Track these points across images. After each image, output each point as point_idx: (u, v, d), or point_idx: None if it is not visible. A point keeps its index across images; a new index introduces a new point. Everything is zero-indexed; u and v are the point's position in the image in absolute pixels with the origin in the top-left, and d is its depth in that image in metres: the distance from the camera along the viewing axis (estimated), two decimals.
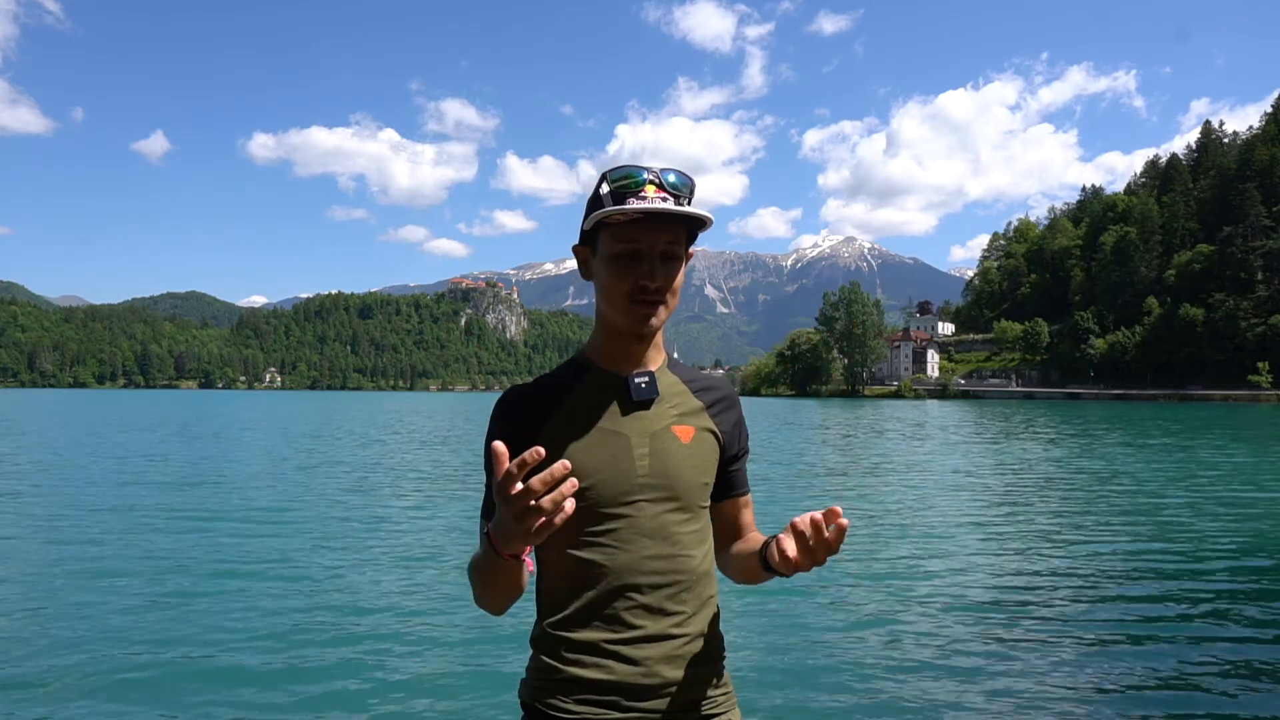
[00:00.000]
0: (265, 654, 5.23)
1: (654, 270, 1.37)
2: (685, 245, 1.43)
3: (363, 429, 33.49)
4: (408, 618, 6.04)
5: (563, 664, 1.38)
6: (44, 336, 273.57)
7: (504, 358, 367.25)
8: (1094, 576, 7.41)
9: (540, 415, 1.42)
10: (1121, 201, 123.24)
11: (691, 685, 1.39)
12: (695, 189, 1.42)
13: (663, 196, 1.36)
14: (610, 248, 1.39)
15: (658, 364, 1.49)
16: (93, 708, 4.39)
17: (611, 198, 1.36)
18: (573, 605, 1.38)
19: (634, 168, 1.38)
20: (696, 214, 1.36)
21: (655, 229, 1.36)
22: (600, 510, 1.38)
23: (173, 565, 7.72)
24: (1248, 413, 54.71)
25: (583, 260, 1.47)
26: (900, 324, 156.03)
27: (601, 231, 1.40)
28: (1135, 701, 4.50)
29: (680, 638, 1.39)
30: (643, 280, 1.37)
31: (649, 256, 1.37)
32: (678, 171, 1.39)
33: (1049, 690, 4.62)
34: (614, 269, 1.39)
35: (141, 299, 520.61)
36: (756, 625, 5.82)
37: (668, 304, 1.41)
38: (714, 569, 1.47)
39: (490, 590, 1.32)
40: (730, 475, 1.54)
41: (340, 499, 12.42)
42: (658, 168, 1.39)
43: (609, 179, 1.38)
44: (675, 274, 1.41)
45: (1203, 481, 14.59)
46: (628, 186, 1.36)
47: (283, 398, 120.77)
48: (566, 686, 1.37)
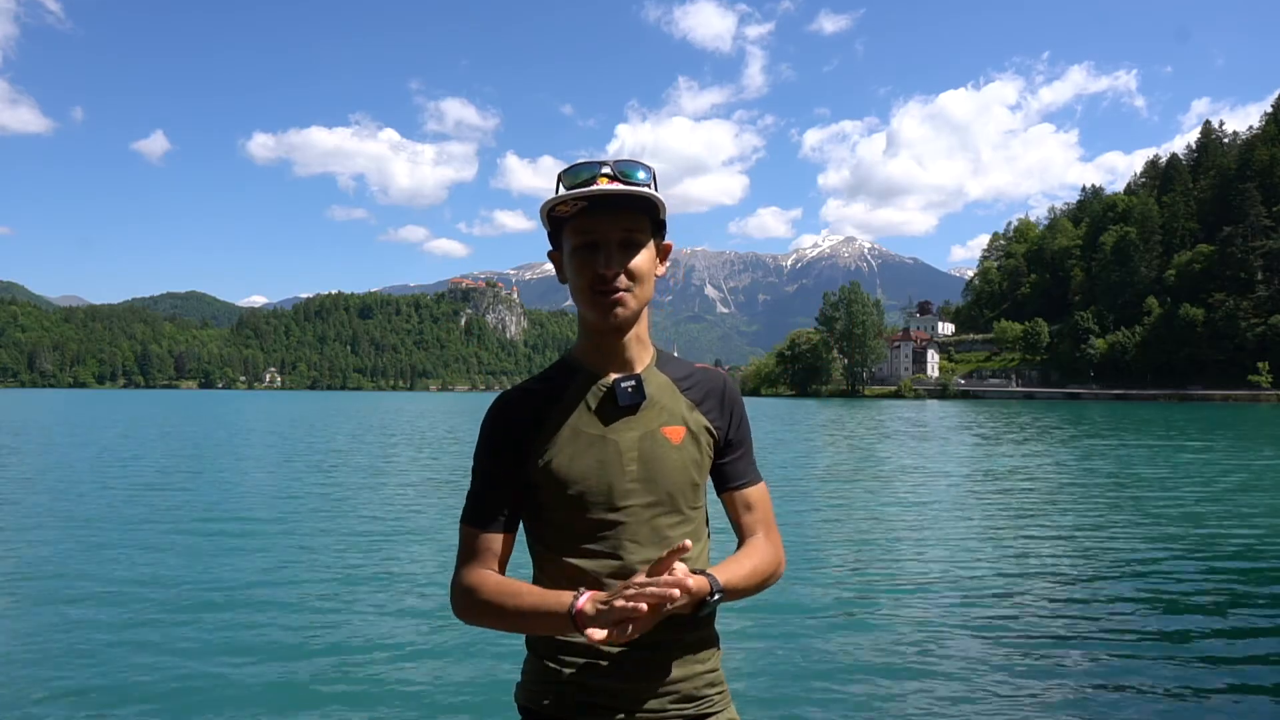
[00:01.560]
0: (265, 656, 5.22)
1: (610, 258, 1.35)
2: (649, 233, 1.41)
3: (362, 430, 33.45)
4: (403, 622, 6.03)
5: (559, 666, 1.39)
6: (44, 336, 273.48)
7: (504, 358, 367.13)
8: (1096, 579, 7.40)
9: (530, 423, 1.42)
10: (1121, 201, 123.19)
11: (687, 685, 1.40)
12: (655, 177, 1.41)
13: (615, 186, 1.35)
14: (570, 242, 1.39)
15: (644, 362, 1.47)
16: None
17: (564, 193, 1.36)
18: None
19: (588, 163, 1.38)
20: (632, 192, 1.34)
21: (610, 217, 1.35)
22: (592, 516, 1.38)
23: (161, 578, 7.70)
24: (1248, 413, 54.70)
25: (557, 264, 1.47)
26: (900, 324, 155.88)
27: (563, 230, 1.40)
28: (1138, 702, 4.48)
29: (676, 639, 1.39)
30: (600, 270, 1.36)
31: (605, 245, 1.36)
32: (634, 162, 1.38)
33: (1048, 692, 4.61)
34: (574, 263, 1.39)
35: (141, 299, 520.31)
36: (752, 623, 5.81)
37: (634, 292, 1.39)
38: (708, 569, 1.44)
39: (511, 630, 1.39)
40: (726, 467, 1.52)
41: (337, 503, 12.41)
42: (613, 160, 1.38)
43: (563, 178, 1.39)
44: (638, 260, 1.38)
45: (1224, 485, 14.57)
46: (581, 183, 1.36)
47: (283, 398, 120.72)
48: (562, 689, 1.39)
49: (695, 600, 1.29)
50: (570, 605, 1.28)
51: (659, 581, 1.24)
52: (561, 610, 1.28)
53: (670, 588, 1.23)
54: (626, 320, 1.40)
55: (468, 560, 1.42)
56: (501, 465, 1.42)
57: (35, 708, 4.40)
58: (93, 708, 4.42)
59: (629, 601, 1.23)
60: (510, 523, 1.44)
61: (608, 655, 1.37)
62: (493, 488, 1.42)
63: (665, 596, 1.22)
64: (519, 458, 1.42)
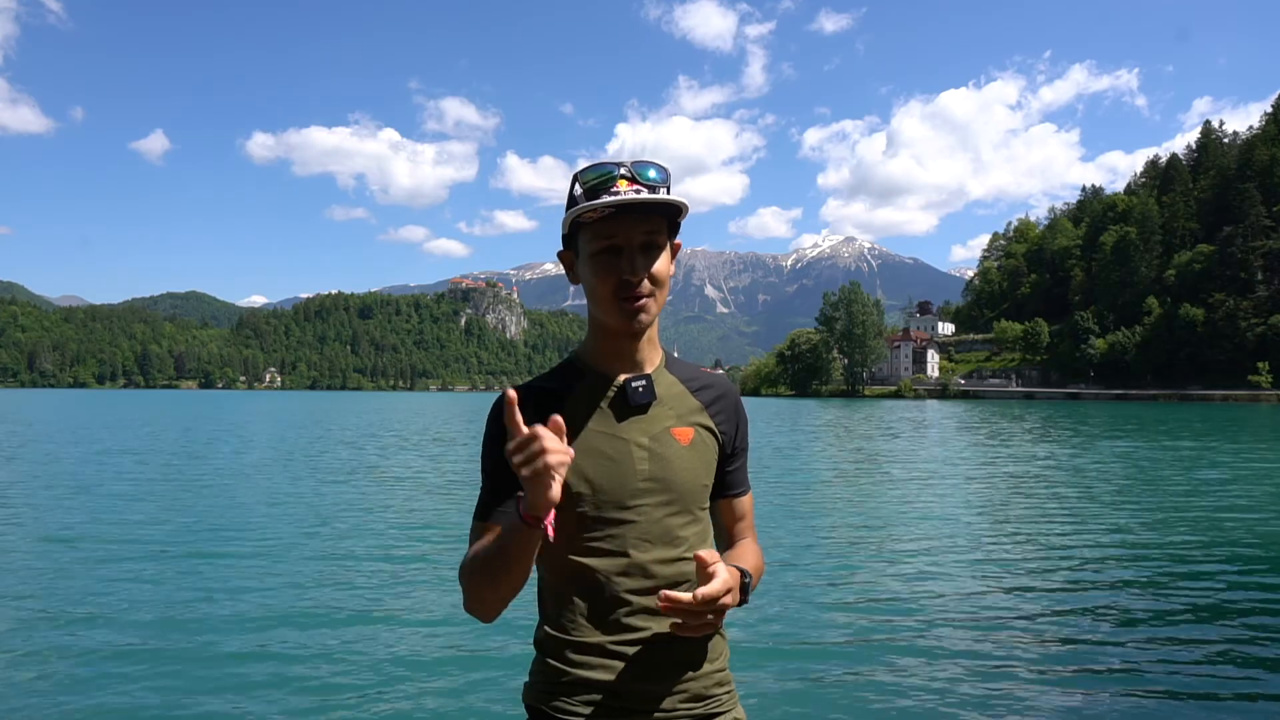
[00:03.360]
0: (264, 657, 5.23)
1: (635, 263, 1.36)
2: (667, 234, 1.42)
3: (364, 430, 33.46)
4: (411, 620, 6.04)
5: (567, 666, 1.39)
6: (44, 336, 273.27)
7: (504, 358, 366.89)
8: (1100, 582, 7.41)
9: (538, 420, 1.36)
10: (1121, 201, 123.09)
11: (696, 684, 1.41)
12: (670, 178, 1.41)
13: (635, 189, 1.35)
14: (590, 246, 1.38)
15: (654, 363, 1.48)
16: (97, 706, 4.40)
17: (585, 197, 1.36)
18: (576, 609, 1.39)
19: (605, 164, 1.38)
20: (667, 200, 1.35)
21: (631, 221, 1.35)
22: (602, 515, 1.38)
23: (160, 579, 7.71)
24: (1249, 413, 54.68)
25: (568, 265, 1.46)
26: (900, 324, 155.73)
27: (580, 233, 1.39)
28: (1142, 704, 4.51)
29: (684, 639, 1.38)
30: (625, 275, 1.36)
31: (628, 250, 1.36)
32: (650, 163, 1.38)
33: (1050, 692, 4.63)
34: (595, 267, 1.38)
35: (141, 299, 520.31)
36: (759, 622, 5.83)
37: (656, 297, 1.40)
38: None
39: (500, 578, 1.31)
40: (727, 475, 1.54)
41: (341, 502, 12.43)
42: (629, 162, 1.38)
43: (581, 179, 1.38)
44: (659, 264, 1.39)
45: (1233, 486, 14.59)
46: (600, 184, 1.35)
47: (283, 398, 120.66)
48: (570, 689, 1.38)
49: (739, 590, 1.35)
50: (515, 510, 1.27)
51: (714, 589, 1.27)
52: (514, 520, 1.27)
53: (725, 590, 1.28)
54: (647, 325, 1.41)
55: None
56: (508, 461, 1.38)
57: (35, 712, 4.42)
58: (100, 690, 4.45)
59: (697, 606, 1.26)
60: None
61: (617, 655, 1.37)
62: (500, 485, 1.41)
63: (723, 604, 1.29)
64: None
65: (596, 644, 1.37)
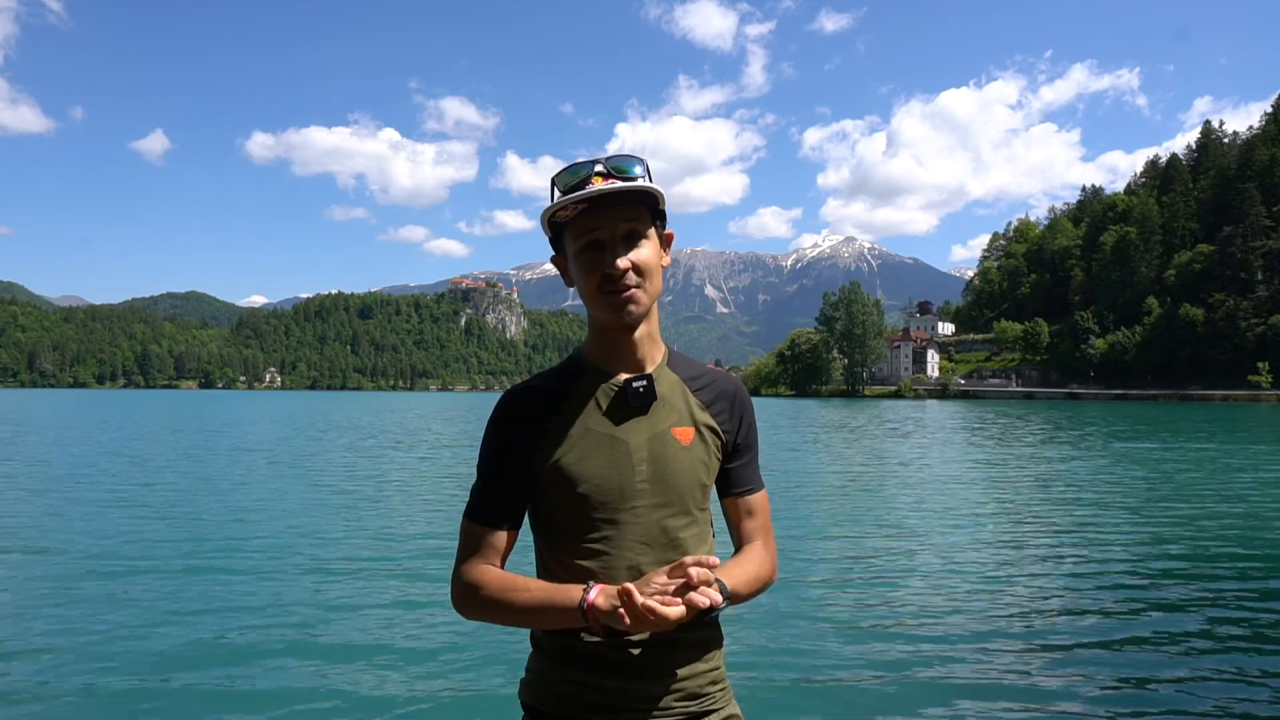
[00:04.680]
0: (264, 658, 5.20)
1: (616, 254, 1.35)
2: (651, 223, 1.41)
3: (364, 431, 33.44)
4: (408, 619, 6.01)
5: (564, 664, 1.39)
6: (44, 336, 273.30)
7: (504, 358, 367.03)
8: (1102, 585, 7.37)
9: (538, 420, 1.41)
10: (1121, 201, 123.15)
11: (691, 683, 1.41)
12: (648, 168, 1.39)
13: (611, 184, 1.34)
14: (574, 245, 1.38)
15: (656, 360, 1.47)
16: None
17: (563, 197, 1.35)
18: None
19: (580, 164, 1.38)
20: (632, 187, 1.33)
21: (611, 213, 1.35)
22: (600, 516, 1.38)
23: (161, 577, 7.69)
24: (1249, 413, 54.66)
25: (561, 268, 1.46)
26: (900, 324, 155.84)
27: (565, 233, 1.40)
28: (1145, 706, 4.47)
29: (681, 638, 1.38)
30: (607, 269, 1.35)
31: (610, 243, 1.35)
32: (625, 156, 1.38)
33: (1049, 694, 4.59)
34: (580, 264, 1.38)
35: (141, 299, 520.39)
36: (755, 620, 5.79)
37: (644, 287, 1.38)
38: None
39: (519, 625, 1.38)
40: (732, 472, 1.52)
41: (337, 500, 12.40)
42: (604, 158, 1.37)
43: (557, 182, 1.38)
44: (644, 254, 1.38)
45: (1241, 484, 14.55)
46: (577, 184, 1.36)
47: (283, 398, 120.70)
48: (567, 687, 1.39)
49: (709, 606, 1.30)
50: (581, 598, 1.28)
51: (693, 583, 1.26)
52: (572, 604, 1.29)
53: (702, 595, 1.24)
54: (639, 317, 1.39)
55: (469, 556, 1.42)
56: (507, 462, 1.41)
57: (35, 704, 4.39)
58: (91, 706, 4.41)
59: (648, 600, 1.23)
60: (514, 520, 1.44)
61: (612, 653, 1.36)
62: (498, 485, 1.41)
63: (700, 604, 1.24)
64: (525, 455, 1.41)
65: (593, 643, 1.36)
